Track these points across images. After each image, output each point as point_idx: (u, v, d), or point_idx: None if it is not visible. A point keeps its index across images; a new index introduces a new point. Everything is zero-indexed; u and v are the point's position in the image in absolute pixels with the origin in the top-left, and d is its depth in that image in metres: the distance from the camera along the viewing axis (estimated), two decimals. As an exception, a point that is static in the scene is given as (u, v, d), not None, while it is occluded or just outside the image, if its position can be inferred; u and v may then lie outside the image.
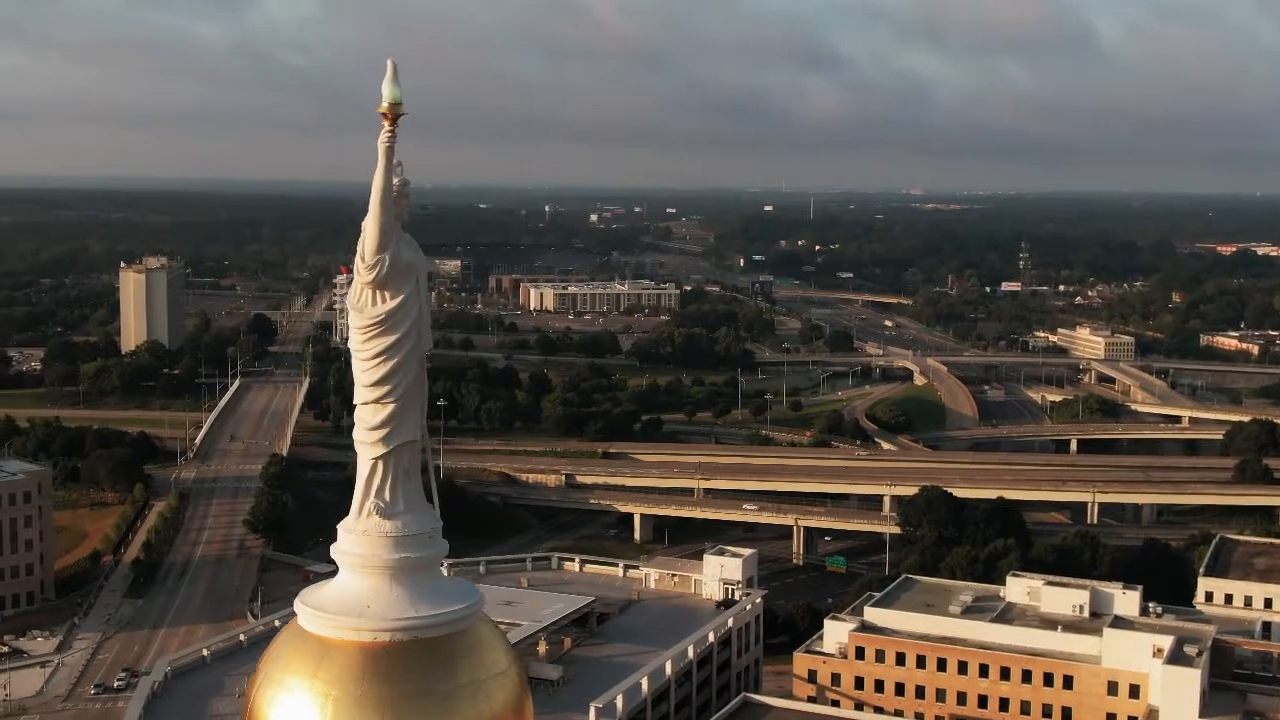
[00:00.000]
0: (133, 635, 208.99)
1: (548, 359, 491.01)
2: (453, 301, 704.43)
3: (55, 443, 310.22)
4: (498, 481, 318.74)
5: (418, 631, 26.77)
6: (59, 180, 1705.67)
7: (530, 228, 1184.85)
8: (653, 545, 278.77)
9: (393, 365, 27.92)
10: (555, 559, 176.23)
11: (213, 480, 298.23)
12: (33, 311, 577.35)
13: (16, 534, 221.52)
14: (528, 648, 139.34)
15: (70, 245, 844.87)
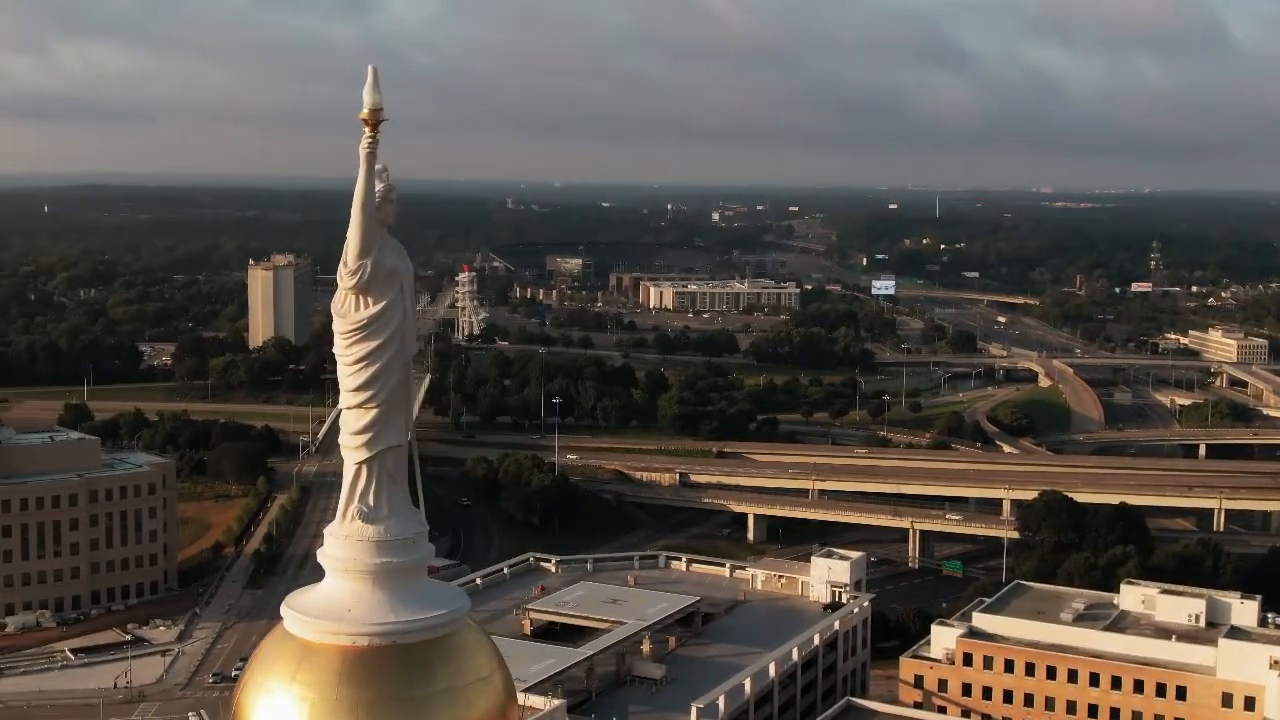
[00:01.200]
0: (252, 625, 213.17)
1: (665, 357, 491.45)
2: (573, 300, 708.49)
3: (183, 436, 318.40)
4: (611, 479, 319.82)
5: (396, 636, 26.86)
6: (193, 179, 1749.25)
7: (652, 226, 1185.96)
8: (766, 546, 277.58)
9: (375, 370, 28.06)
10: (662, 558, 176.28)
11: (334, 474, 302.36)
12: (166, 307, 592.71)
13: (141, 524, 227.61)
14: (631, 646, 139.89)
15: (203, 243, 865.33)
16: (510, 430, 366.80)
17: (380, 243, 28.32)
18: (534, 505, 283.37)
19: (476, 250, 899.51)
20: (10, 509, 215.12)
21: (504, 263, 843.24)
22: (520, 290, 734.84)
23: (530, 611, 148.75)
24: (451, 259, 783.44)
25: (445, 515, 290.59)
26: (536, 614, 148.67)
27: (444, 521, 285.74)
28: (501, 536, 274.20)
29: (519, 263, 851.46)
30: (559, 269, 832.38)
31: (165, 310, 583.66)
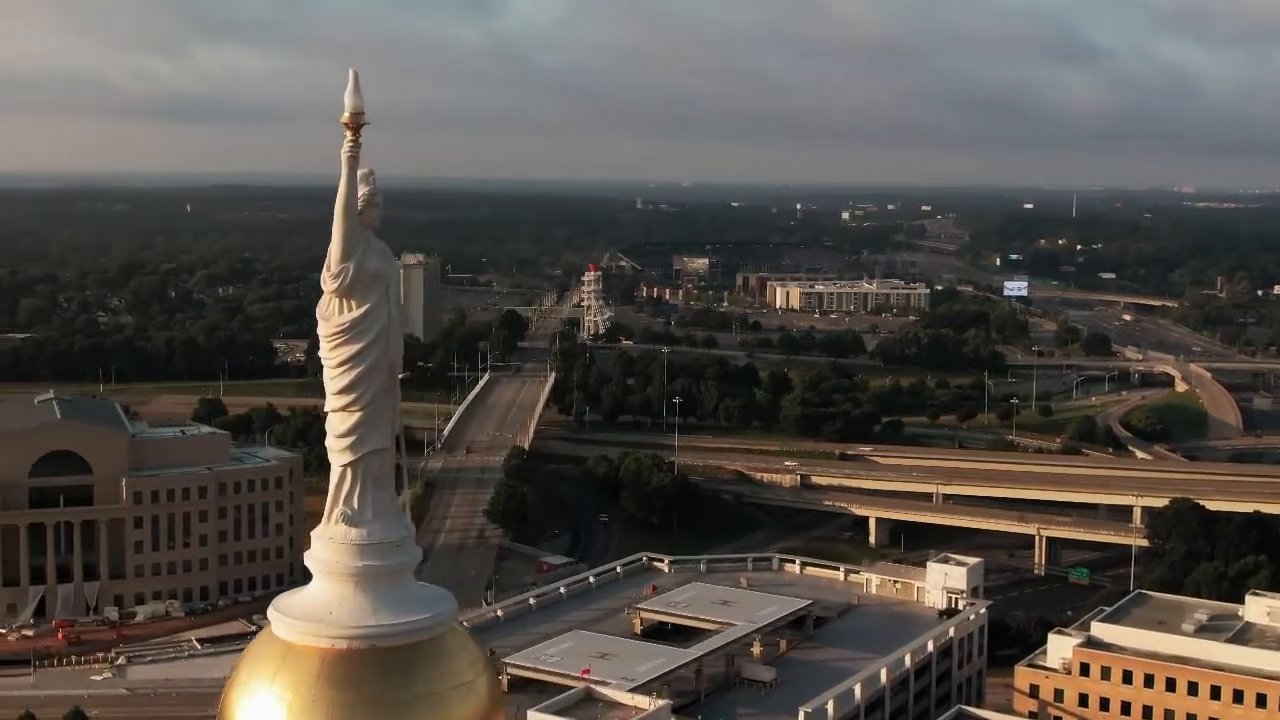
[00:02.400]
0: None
1: (789, 358, 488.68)
2: (699, 300, 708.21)
3: (313, 431, 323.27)
4: (732, 480, 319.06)
5: (375, 639, 26.93)
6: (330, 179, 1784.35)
7: (780, 226, 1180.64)
8: (888, 550, 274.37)
9: (358, 374, 28.14)
10: (776, 560, 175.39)
11: (457, 470, 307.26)
12: (301, 305, 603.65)
13: (268, 518, 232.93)
14: (741, 648, 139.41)
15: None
16: (632, 429, 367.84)
17: (364, 246, 28.43)
18: (654, 504, 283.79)
19: (604, 250, 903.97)
20: (142, 501, 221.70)
21: (630, 262, 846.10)
22: (646, 290, 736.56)
23: (641, 611, 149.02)
24: (579, 258, 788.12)
25: (566, 513, 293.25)
26: (647, 613, 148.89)
27: (565, 520, 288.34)
28: (621, 535, 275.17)
29: (646, 262, 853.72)
30: (685, 269, 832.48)
31: (300, 307, 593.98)
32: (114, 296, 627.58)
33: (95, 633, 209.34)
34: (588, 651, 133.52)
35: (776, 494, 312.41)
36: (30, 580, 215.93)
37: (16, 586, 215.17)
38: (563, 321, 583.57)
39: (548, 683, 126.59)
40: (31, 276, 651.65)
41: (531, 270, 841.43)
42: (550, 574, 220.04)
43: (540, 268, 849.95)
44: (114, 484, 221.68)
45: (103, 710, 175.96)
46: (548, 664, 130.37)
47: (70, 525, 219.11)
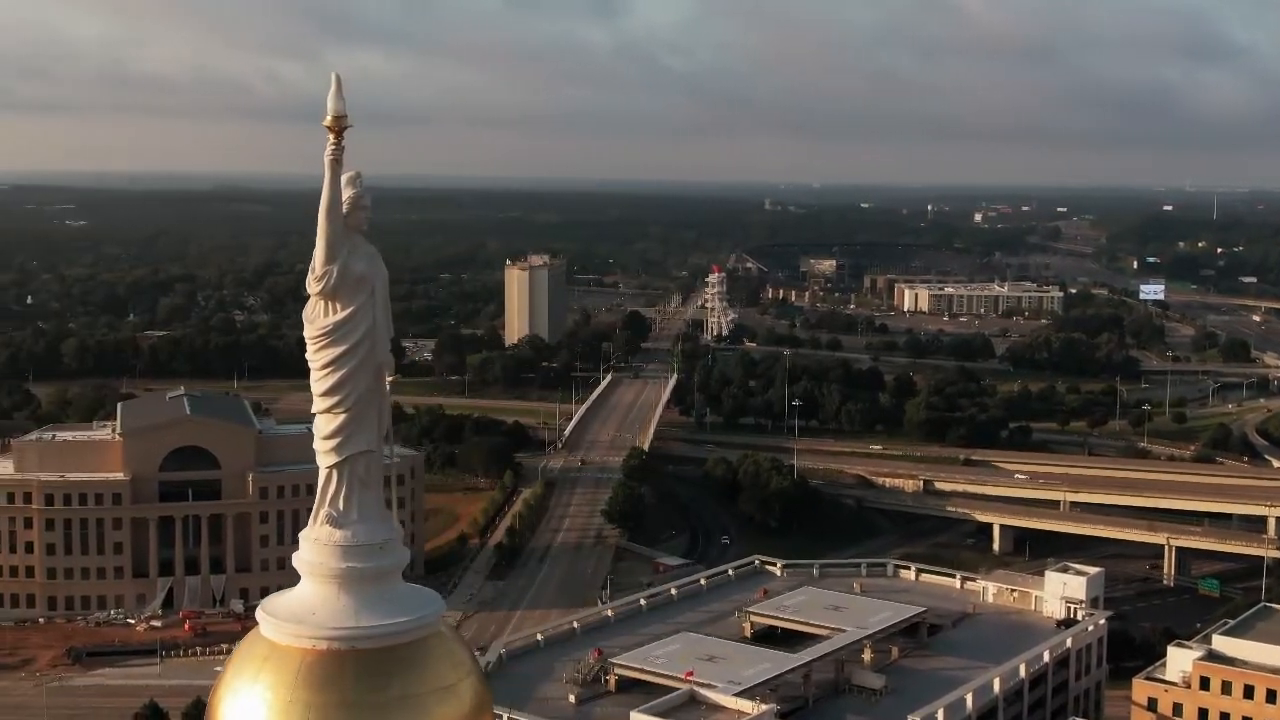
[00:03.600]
0: (491, 615, 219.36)
1: (915, 361, 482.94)
2: (825, 302, 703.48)
3: (437, 429, 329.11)
4: (853, 484, 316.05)
5: (355, 641, 26.89)
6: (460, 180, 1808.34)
7: (910, 227, 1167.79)
8: (1012, 558, 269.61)
9: (341, 376, 28.13)
10: (891, 565, 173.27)
11: (577, 470, 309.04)
12: (430, 305, 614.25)
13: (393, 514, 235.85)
14: (852, 654, 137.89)
15: (469, 243, 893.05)
16: (752, 432, 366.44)
17: (350, 248, 28.50)
18: (772, 507, 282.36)
19: (731, 251, 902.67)
20: (268, 496, 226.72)
21: (757, 264, 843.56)
22: (772, 291, 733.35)
23: (751, 614, 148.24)
24: (706, 260, 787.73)
25: (684, 515, 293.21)
26: (757, 617, 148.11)
27: (683, 521, 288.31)
28: (739, 537, 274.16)
29: (772, 264, 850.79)
30: (812, 270, 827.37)
31: (429, 308, 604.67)
32: (250, 296, 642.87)
33: (220, 625, 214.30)
34: (695, 654, 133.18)
35: (898, 499, 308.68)
36: (159, 572, 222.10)
37: (145, 578, 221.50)
38: (686, 323, 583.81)
39: (654, 684, 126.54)
40: (171, 275, 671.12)
41: (657, 271, 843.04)
42: (666, 575, 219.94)
43: (666, 269, 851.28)
44: (241, 479, 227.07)
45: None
46: (655, 665, 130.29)
47: (198, 519, 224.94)
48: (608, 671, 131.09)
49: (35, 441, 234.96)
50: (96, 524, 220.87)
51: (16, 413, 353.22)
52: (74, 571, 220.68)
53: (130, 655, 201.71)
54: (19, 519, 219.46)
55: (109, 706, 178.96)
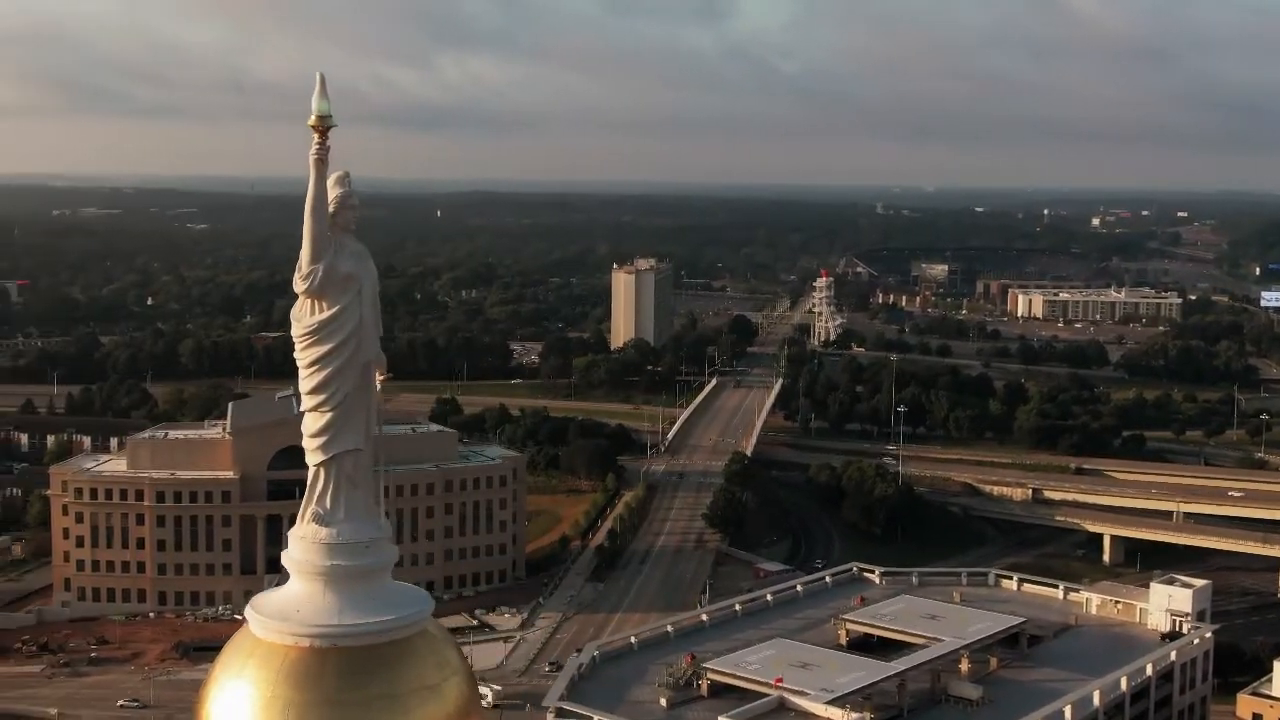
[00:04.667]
0: (590, 617, 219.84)
1: (1027, 368, 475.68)
2: (936, 307, 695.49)
3: (542, 431, 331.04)
4: (960, 492, 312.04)
5: (337, 639, 26.85)
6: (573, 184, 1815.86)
7: (1025, 232, 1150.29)
8: (1122, 569, 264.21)
9: (327, 374, 28.09)
10: (992, 575, 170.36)
11: (680, 474, 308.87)
12: (539, 308, 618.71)
13: (492, 515, 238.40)
14: (948, 664, 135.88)
15: (579, 247, 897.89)
16: (858, 438, 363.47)
17: (336, 248, 28.49)
18: (876, 514, 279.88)
19: (840, 255, 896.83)
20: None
21: (867, 268, 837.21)
22: (882, 296, 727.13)
23: (847, 622, 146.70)
24: (815, 264, 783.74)
25: (787, 520, 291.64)
26: (853, 625, 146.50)
27: (785, 526, 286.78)
28: (842, 544, 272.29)
29: (883, 268, 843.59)
30: (924, 275, 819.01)
31: (538, 311, 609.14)
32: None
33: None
34: (789, 660, 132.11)
35: (1006, 508, 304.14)
36: (266, 569, 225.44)
37: (253, 575, 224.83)
38: (793, 327, 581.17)
39: (746, 690, 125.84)
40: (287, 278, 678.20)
41: (766, 275, 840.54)
42: (766, 581, 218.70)
43: (775, 273, 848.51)
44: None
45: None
46: (747, 671, 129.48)
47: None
48: (700, 676, 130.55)
49: (148, 440, 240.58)
50: (206, 521, 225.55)
51: (134, 411, 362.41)
52: (184, 567, 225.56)
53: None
54: (131, 515, 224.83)
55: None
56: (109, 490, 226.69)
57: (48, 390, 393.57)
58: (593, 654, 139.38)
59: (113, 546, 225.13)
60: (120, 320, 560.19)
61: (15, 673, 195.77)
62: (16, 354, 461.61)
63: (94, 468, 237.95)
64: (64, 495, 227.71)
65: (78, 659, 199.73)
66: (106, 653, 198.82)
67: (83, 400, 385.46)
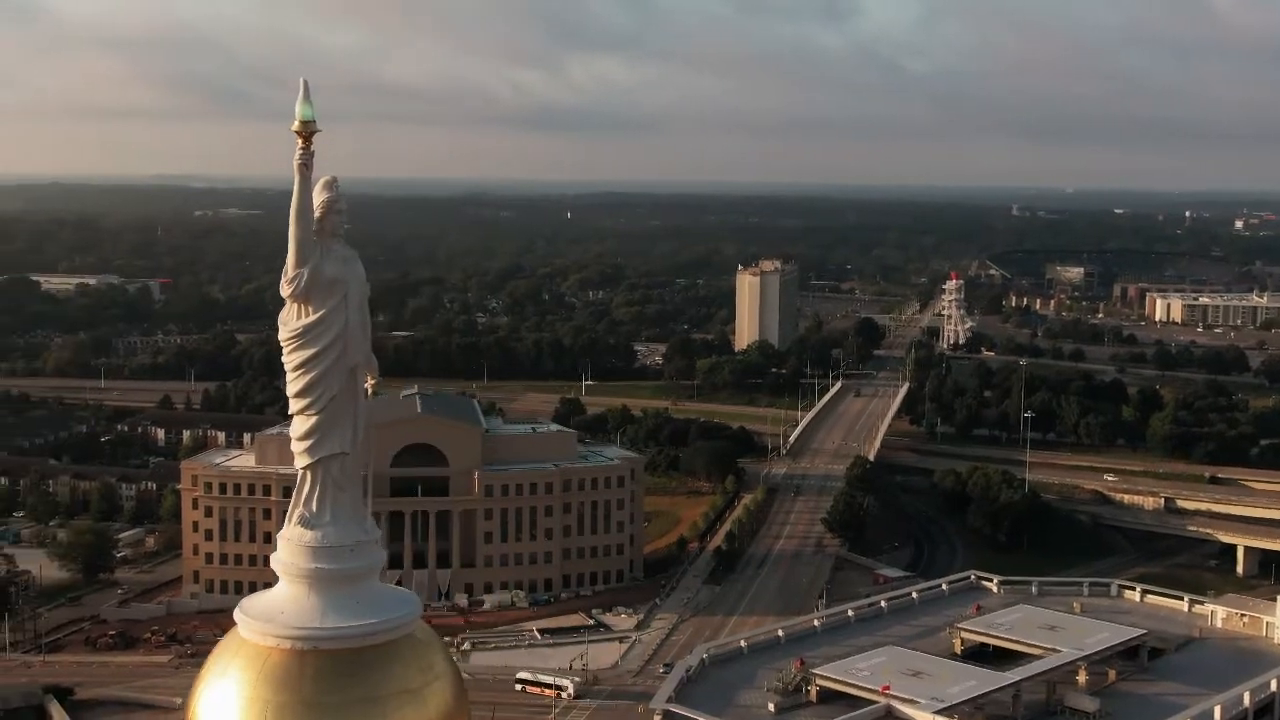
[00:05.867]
0: (706, 620, 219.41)
1: (1163, 374, 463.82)
2: (1070, 310, 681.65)
3: (663, 432, 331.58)
4: (1089, 500, 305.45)
5: (318, 642, 26.79)
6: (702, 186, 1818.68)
7: (1165, 234, 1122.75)
8: (1257, 581, 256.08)
9: (312, 378, 28.06)
10: (1115, 586, 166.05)
11: (801, 478, 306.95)
12: (664, 309, 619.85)
13: (610, 515, 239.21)
14: (1065, 675, 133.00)
15: (706, 248, 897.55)
16: (986, 443, 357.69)
17: (322, 252, 28.50)
18: (1001, 521, 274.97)
19: (974, 257, 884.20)
20: (493, 494, 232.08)
21: (1000, 270, 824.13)
22: (1015, 299, 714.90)
23: (962, 630, 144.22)
24: (947, 266, 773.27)
25: (910, 526, 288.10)
26: (968, 633, 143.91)
27: (908, 533, 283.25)
28: (966, 551, 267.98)
29: (1016, 270, 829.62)
30: (1058, 278, 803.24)
31: (663, 312, 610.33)
32: (493, 298, 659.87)
33: (445, 618, 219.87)
34: (900, 668, 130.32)
35: (1136, 517, 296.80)
36: (387, 565, 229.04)
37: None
38: (922, 330, 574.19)
39: (856, 697, 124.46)
40: (419, 278, 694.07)
41: (896, 278, 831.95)
42: (885, 587, 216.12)
43: (905, 275, 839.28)
44: (468, 476, 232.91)
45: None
46: (857, 678, 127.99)
47: (426, 514, 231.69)
48: (809, 682, 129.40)
49: (276, 436, 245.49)
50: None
51: (268, 408, 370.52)
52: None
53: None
54: (259, 510, 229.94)
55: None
56: (237, 485, 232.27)
57: (185, 387, 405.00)
58: (702, 656, 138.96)
59: (240, 540, 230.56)
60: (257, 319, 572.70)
61: (144, 663, 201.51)
62: (156, 351, 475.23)
63: (223, 463, 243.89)
64: (194, 489, 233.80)
65: (204, 650, 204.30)
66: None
67: (218, 396, 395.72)
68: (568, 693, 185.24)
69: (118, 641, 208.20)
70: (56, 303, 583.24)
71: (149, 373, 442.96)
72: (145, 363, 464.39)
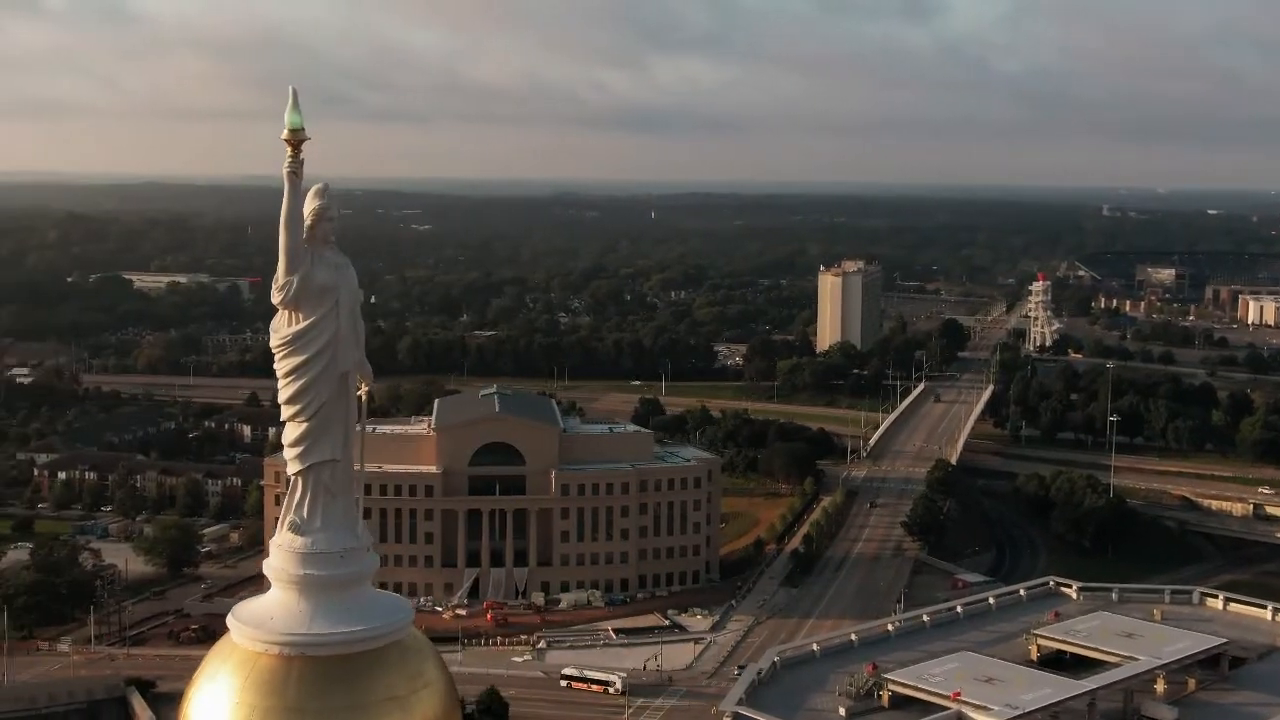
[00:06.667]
0: (783, 622, 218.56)
1: (1255, 377, 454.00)
2: (1161, 312, 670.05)
3: (742, 434, 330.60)
4: (1176, 505, 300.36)
5: (305, 648, 26.78)
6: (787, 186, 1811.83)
7: (1259, 236, 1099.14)
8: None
9: (302, 385, 28.08)
10: (1197, 593, 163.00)
11: (881, 480, 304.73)
12: (745, 310, 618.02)
13: (686, 516, 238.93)
14: (1143, 684, 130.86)
15: (790, 248, 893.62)
16: (1071, 447, 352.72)
17: (314, 260, 28.55)
18: (1085, 527, 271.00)
19: (1062, 258, 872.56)
20: (569, 493, 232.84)
21: (1089, 271, 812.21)
22: (1104, 301, 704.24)
23: (1038, 637, 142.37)
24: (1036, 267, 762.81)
25: (992, 531, 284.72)
26: (1044, 640, 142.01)
27: (990, 537, 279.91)
28: (1049, 556, 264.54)
29: (1106, 271, 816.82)
30: (1149, 279, 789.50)
31: (745, 313, 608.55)
32: (575, 298, 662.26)
33: (521, 616, 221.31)
34: (974, 674, 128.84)
35: (1224, 523, 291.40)
36: (465, 563, 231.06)
37: (453, 568, 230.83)
38: (1008, 332, 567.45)
39: (927, 703, 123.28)
40: (503, 278, 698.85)
41: (983, 279, 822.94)
42: (964, 592, 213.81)
43: (993, 276, 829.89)
44: (545, 476, 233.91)
45: (518, 691, 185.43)
46: (929, 684, 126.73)
47: (504, 513, 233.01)
48: (881, 687, 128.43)
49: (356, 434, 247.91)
50: (409, 514, 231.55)
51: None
52: (387, 559, 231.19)
53: (435, 642, 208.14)
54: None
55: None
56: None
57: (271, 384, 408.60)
58: (773, 659, 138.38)
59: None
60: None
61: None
62: (244, 349, 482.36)
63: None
64: (276, 485, 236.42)
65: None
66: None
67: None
68: (615, 688, 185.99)
69: (201, 635, 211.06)
70: (148, 301, 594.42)
71: (237, 370, 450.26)
72: (233, 360, 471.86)
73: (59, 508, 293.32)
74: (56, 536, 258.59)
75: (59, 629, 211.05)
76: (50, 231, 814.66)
